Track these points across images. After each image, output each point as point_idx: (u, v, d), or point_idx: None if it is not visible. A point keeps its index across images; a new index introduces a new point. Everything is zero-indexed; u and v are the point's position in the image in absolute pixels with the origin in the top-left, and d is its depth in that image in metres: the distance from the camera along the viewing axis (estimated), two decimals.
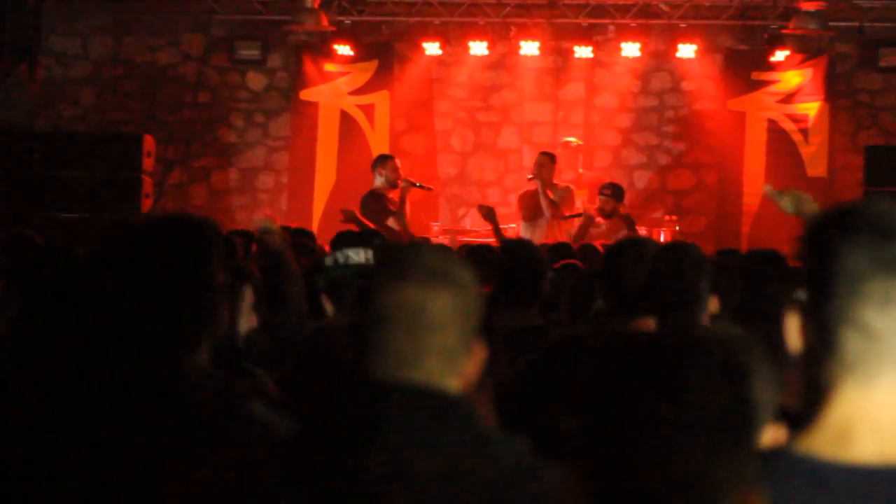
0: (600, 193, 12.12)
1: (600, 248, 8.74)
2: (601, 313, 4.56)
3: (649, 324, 4.03)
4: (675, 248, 4.33)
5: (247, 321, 4.32)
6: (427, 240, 10.76)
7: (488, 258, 6.07)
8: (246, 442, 2.48)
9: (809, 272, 1.79)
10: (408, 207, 11.97)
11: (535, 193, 12.04)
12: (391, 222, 11.50)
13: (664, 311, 3.92)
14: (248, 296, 4.35)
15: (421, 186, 12.17)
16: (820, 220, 1.80)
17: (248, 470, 2.24)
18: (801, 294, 1.80)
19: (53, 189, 12.55)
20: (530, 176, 12.13)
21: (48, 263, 3.48)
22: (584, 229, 11.74)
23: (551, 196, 11.93)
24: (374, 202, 11.92)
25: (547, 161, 12.17)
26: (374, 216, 11.52)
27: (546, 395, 4.04)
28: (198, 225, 2.78)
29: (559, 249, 8.52)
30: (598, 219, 11.97)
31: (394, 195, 11.94)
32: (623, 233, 11.46)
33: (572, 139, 13.87)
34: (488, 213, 11.52)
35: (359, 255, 4.37)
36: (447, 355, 2.25)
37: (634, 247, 4.33)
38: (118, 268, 2.73)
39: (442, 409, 2.19)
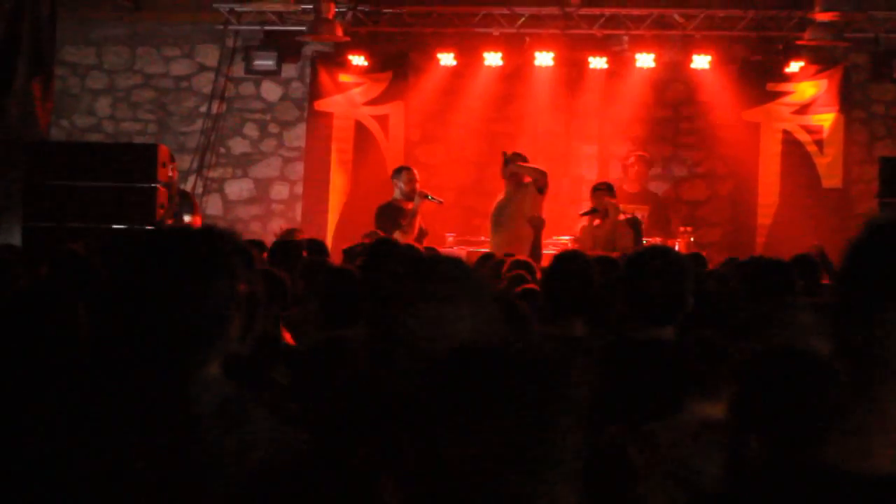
0: (595, 190, 12.14)
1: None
2: (622, 320, 4.54)
3: (668, 333, 4.01)
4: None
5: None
6: (436, 251, 10.78)
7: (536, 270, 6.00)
8: (247, 458, 2.46)
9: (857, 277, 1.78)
10: (419, 220, 11.98)
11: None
12: (398, 235, 11.47)
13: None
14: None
15: (432, 199, 12.17)
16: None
17: (248, 486, 2.22)
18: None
19: (68, 199, 12.54)
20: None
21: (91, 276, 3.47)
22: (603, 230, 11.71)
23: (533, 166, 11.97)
24: (387, 213, 11.95)
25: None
26: (383, 228, 11.55)
27: None
28: (212, 237, 2.74)
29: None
30: (597, 220, 12.02)
31: (410, 206, 11.98)
32: (630, 237, 11.51)
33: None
34: (538, 224, 11.58)
35: None
36: None
37: (659, 255, 4.32)
38: (130, 279, 2.72)
39: None
